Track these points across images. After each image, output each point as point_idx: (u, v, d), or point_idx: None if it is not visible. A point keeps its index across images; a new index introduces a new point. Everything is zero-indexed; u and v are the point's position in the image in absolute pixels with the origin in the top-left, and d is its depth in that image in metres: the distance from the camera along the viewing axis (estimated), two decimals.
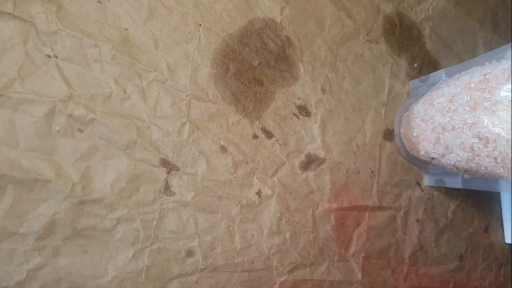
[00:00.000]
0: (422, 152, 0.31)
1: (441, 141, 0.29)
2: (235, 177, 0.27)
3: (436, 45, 0.36)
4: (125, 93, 0.24)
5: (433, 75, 0.33)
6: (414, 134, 0.31)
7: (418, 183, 0.34)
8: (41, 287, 0.21)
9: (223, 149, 0.26)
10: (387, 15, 0.33)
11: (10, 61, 0.21)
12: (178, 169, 0.25)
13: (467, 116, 0.26)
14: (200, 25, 0.26)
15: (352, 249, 0.31)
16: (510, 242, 0.38)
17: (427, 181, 0.34)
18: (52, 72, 0.22)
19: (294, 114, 0.29)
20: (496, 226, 0.38)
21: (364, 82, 0.32)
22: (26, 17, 0.21)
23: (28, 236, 0.21)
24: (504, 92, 0.24)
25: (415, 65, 0.35)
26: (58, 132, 0.22)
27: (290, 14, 0.29)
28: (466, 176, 0.31)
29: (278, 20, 0.29)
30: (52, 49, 0.22)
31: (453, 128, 0.27)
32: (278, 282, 0.28)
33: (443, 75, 0.32)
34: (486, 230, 0.38)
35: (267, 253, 0.27)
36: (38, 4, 0.22)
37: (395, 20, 0.34)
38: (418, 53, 0.35)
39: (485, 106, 0.25)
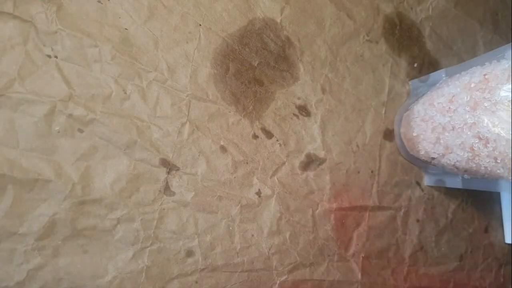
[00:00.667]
0: (422, 152, 0.31)
1: (441, 141, 0.29)
2: (235, 177, 0.27)
3: (436, 45, 0.36)
4: (125, 93, 0.24)
5: (433, 75, 0.33)
6: (414, 134, 0.31)
7: (418, 183, 0.34)
8: (41, 287, 0.21)
9: (223, 149, 0.26)
10: (387, 15, 0.33)
11: (10, 61, 0.21)
12: (178, 169, 0.25)
13: (467, 116, 0.26)
14: (200, 25, 0.26)
15: (352, 249, 0.31)
16: (510, 242, 0.38)
17: (427, 181, 0.34)
18: (52, 72, 0.22)
19: (294, 114, 0.29)
20: (496, 226, 0.38)
21: (364, 82, 0.32)
22: (26, 17, 0.21)
23: (28, 236, 0.21)
24: (504, 92, 0.24)
25: (415, 65, 0.35)
26: (58, 132, 0.22)
27: (290, 14, 0.29)
28: (466, 176, 0.31)
29: (278, 20, 0.29)
30: (52, 49, 0.22)
31: (453, 128, 0.27)
32: (278, 282, 0.28)
33: (443, 75, 0.32)
34: (486, 230, 0.38)
35: (267, 253, 0.27)
36: (38, 4, 0.22)
37: (395, 20, 0.34)
38: (418, 53, 0.35)
39: (485, 106, 0.25)
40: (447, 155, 0.29)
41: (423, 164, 0.33)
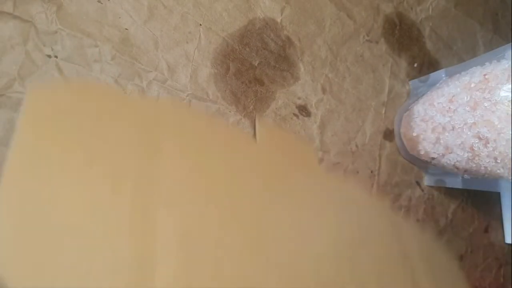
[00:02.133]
0: (422, 152, 0.31)
1: (441, 141, 0.29)
2: None
3: (436, 45, 0.36)
4: (125, 93, 0.24)
5: (433, 75, 0.33)
6: (414, 134, 0.31)
7: (418, 183, 0.34)
8: None
9: None
10: (387, 15, 0.33)
11: (10, 61, 0.21)
12: None
13: (467, 116, 0.26)
14: (200, 25, 0.26)
15: None
16: (510, 242, 0.38)
17: (427, 181, 0.34)
18: (52, 72, 0.22)
19: (294, 114, 0.29)
20: (496, 226, 0.38)
21: (364, 82, 0.32)
22: (26, 17, 0.21)
23: None
24: (504, 92, 0.24)
25: (415, 65, 0.35)
26: None
27: (290, 14, 0.29)
28: (466, 176, 0.31)
29: (279, 20, 0.29)
30: (52, 49, 0.22)
31: (453, 128, 0.27)
32: None
33: (443, 75, 0.32)
34: (486, 230, 0.38)
35: None
36: (38, 4, 0.22)
37: (395, 20, 0.34)
38: (418, 53, 0.35)
39: (485, 106, 0.25)
40: (447, 155, 0.29)
41: (423, 164, 0.33)
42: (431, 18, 0.35)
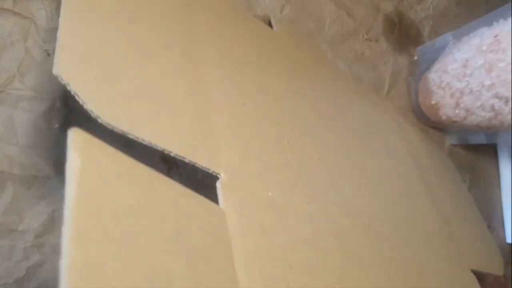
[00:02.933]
0: (444, 118, 0.31)
1: (461, 105, 0.29)
2: None
3: None
4: None
5: (440, 39, 0.33)
6: (433, 102, 0.31)
7: None
8: (40, 285, 0.21)
9: None
10: (387, 14, 0.33)
11: (10, 57, 0.21)
12: (178, 167, 0.25)
13: (484, 79, 0.27)
14: None
15: None
16: (510, 241, 0.38)
17: (450, 140, 0.35)
18: (52, 69, 0.22)
19: None
20: (497, 226, 0.38)
21: (365, 80, 0.32)
22: (26, 13, 0.21)
23: (27, 233, 0.21)
24: None
25: (415, 57, 0.34)
26: (58, 129, 0.22)
27: (289, 12, 0.29)
28: (490, 132, 0.32)
29: (278, 18, 0.29)
30: (52, 46, 0.22)
31: (471, 92, 0.28)
32: None
33: (450, 38, 0.32)
34: None
35: None
36: (38, 1, 0.22)
37: (394, 19, 0.34)
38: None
39: (501, 67, 0.26)
40: (469, 117, 0.29)
41: (444, 127, 0.34)
42: (432, 17, 0.35)
